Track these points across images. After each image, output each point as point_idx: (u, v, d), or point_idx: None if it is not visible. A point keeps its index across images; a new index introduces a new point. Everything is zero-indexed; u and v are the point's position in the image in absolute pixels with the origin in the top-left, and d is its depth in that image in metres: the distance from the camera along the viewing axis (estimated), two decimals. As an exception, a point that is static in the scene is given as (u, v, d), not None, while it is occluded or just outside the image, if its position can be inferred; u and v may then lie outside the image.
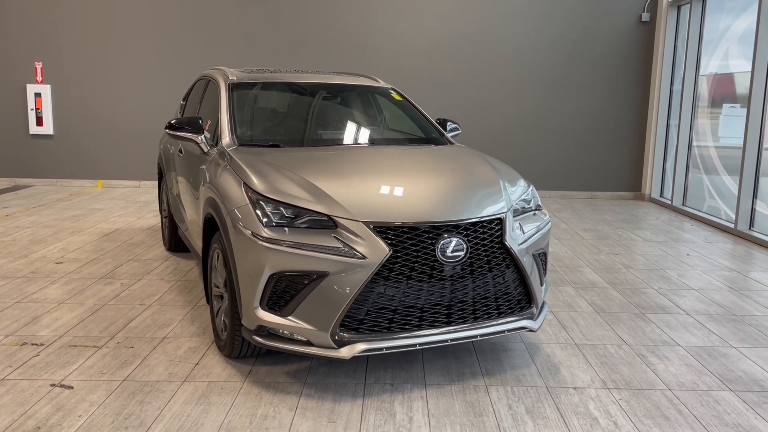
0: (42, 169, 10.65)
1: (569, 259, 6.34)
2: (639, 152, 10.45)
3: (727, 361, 3.91)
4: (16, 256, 6.02)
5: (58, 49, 10.32)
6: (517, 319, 3.55)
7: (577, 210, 9.33)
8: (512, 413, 3.22)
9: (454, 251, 3.28)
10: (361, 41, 10.26)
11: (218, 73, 5.04)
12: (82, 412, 3.15)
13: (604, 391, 3.48)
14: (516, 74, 10.30)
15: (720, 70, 8.92)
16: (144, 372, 3.61)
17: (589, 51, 10.21)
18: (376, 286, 3.19)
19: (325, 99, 5.06)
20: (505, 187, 3.76)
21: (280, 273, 3.21)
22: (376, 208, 3.32)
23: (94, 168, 10.64)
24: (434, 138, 4.84)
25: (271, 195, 3.36)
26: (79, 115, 10.50)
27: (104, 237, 6.89)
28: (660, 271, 5.97)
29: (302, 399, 3.32)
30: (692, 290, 5.36)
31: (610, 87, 10.29)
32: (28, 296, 4.88)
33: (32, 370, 3.61)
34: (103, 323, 4.35)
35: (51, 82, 10.41)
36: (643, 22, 10.09)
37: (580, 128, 10.40)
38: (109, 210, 8.50)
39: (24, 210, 8.36)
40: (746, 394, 3.47)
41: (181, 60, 10.21)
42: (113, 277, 5.44)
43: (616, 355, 3.97)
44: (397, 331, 3.27)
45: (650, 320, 4.61)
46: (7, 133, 10.56)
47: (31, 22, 10.24)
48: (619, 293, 5.24)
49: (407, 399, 3.34)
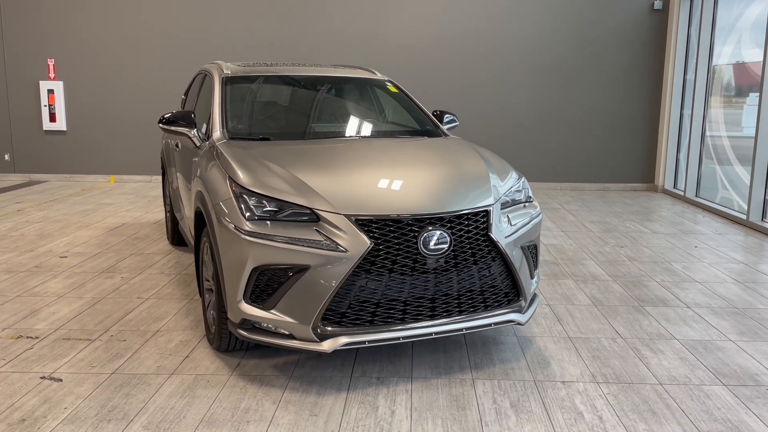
0: (55, 164, 10.79)
1: (573, 252, 6.26)
2: (652, 143, 10.29)
3: (723, 355, 3.83)
4: (23, 251, 6.11)
5: (70, 46, 10.43)
6: (505, 313, 3.51)
7: (587, 202, 9.22)
8: (496, 407, 3.19)
9: (438, 244, 3.25)
10: (372, 35, 10.21)
11: (214, 67, 5.05)
12: (67, 404, 3.18)
13: (592, 385, 3.43)
14: (524, 65, 10.19)
15: (733, 58, 8.72)
16: (133, 365, 3.64)
17: (599, 40, 10.06)
18: (358, 279, 3.18)
19: (319, 92, 5.04)
20: (494, 179, 3.71)
21: (263, 266, 3.21)
22: (359, 201, 3.30)
23: (107, 163, 10.75)
24: (428, 130, 4.80)
25: (254, 188, 3.36)
26: (92, 111, 10.61)
27: (110, 231, 6.97)
28: (665, 263, 5.87)
29: (287, 392, 3.32)
30: (696, 283, 5.26)
31: (621, 77, 10.13)
32: (29, 290, 4.95)
33: (24, 362, 3.66)
34: (99, 316, 4.39)
35: (63, 79, 10.53)
36: (655, 11, 9.91)
37: (591, 119, 10.27)
38: (119, 205, 8.58)
39: (35, 205, 8.48)
40: (739, 388, 3.40)
41: (191, 55, 10.24)
42: (114, 271, 5.49)
43: (609, 348, 3.91)
44: (380, 324, 3.25)
45: (649, 313, 4.53)
46: (22, 130, 10.72)
47: (44, 19, 10.36)
48: (620, 286, 5.16)
49: (392, 392, 3.33)
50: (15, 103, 10.62)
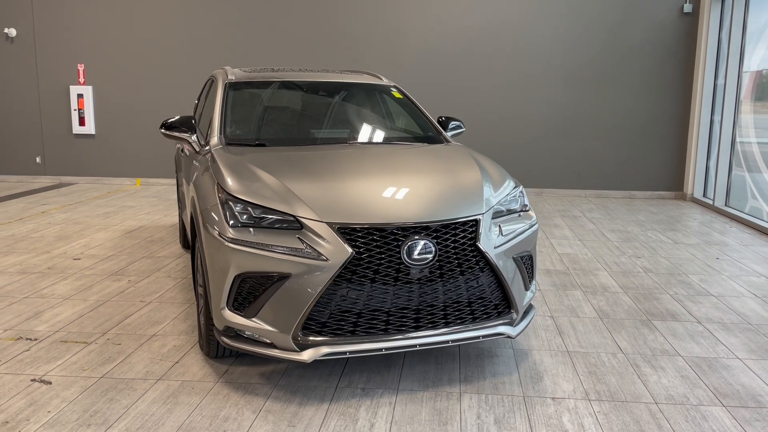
0: (84, 167, 11.03)
1: (586, 262, 6.10)
2: (681, 149, 10.00)
3: (727, 373, 3.67)
4: (39, 252, 6.23)
5: (99, 52, 10.66)
6: (494, 325, 3.42)
7: (610, 210, 9.00)
8: (479, 423, 3.10)
9: (422, 254, 3.18)
10: (389, 37, 10.17)
11: (220, 73, 5.08)
12: (52, 408, 3.20)
13: (583, 402, 3.31)
14: (549, 68, 10.02)
15: (764, 63, 8.41)
16: (123, 369, 3.65)
17: (627, 44, 9.83)
18: (339, 288, 3.13)
19: (321, 97, 5.02)
20: (487, 188, 3.62)
21: (245, 274, 3.19)
22: (342, 209, 3.25)
23: (133, 166, 10.95)
24: (430, 137, 4.73)
25: (239, 195, 3.34)
26: (119, 115, 10.82)
27: (127, 234, 7.07)
28: (682, 275, 5.67)
29: (269, 401, 3.29)
30: (711, 296, 5.07)
31: (649, 82, 9.88)
32: (38, 291, 5.04)
33: (19, 364, 3.71)
34: (99, 319, 4.44)
35: (93, 84, 10.76)
36: (685, 14, 9.64)
37: (618, 125, 10.03)
38: (140, 207, 8.71)
39: (60, 207, 8.66)
40: (738, 410, 3.24)
41: (217, 61, 10.34)
42: (123, 273, 5.55)
43: (607, 364, 3.78)
44: (362, 335, 3.20)
45: (656, 328, 4.37)
46: (53, 133, 10.99)
47: (74, 26, 10.61)
48: (630, 298, 5.00)
49: (374, 404, 3.27)
50: (46, 108, 10.90)
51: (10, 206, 8.68)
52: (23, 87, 10.84)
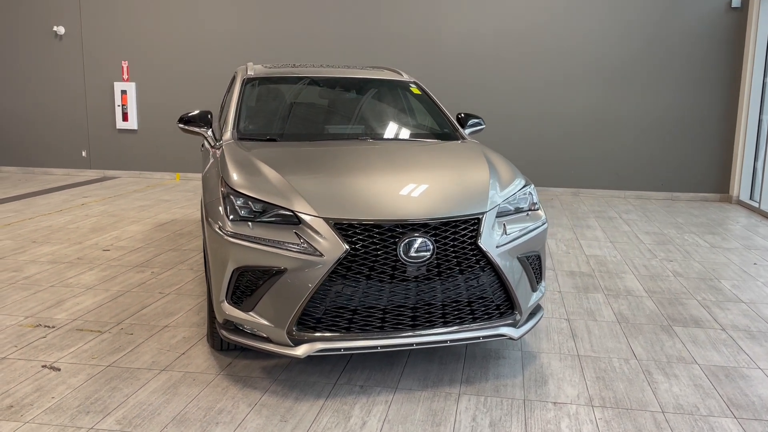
0: (127, 161, 11.33)
1: (614, 264, 5.92)
2: (727, 150, 9.61)
3: (745, 384, 3.49)
4: (72, 243, 6.42)
5: (142, 50, 10.92)
6: (496, 326, 3.34)
7: (648, 211, 8.72)
8: (473, 425, 3.03)
9: (419, 251, 3.13)
10: (429, 35, 10.10)
11: (241, 69, 5.12)
12: (56, 394, 3.29)
13: (586, 408, 3.20)
14: (589, 64, 9.77)
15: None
16: (131, 359, 3.72)
17: (671, 39, 9.50)
18: (334, 284, 3.11)
19: (338, 93, 5.01)
20: (493, 186, 3.54)
21: (243, 267, 3.20)
22: (341, 205, 3.23)
23: (173, 161, 11.18)
24: (446, 133, 4.66)
25: (241, 189, 3.35)
26: (161, 110, 11.06)
27: (158, 227, 7.22)
28: (713, 280, 5.44)
29: (266, 395, 3.30)
30: (740, 303, 4.84)
31: (695, 79, 9.52)
32: (64, 281, 5.19)
33: (33, 350, 3.82)
34: (117, 309, 4.54)
35: (136, 80, 11.03)
36: (733, 9, 9.25)
37: (660, 123, 9.70)
38: (175, 201, 8.89)
39: (100, 199, 8.92)
40: (750, 422, 3.08)
41: (253, 58, 10.47)
42: (147, 265, 5.67)
43: (618, 370, 3.65)
44: (357, 332, 3.17)
45: (675, 334, 4.20)
46: (98, 128, 11.32)
47: (119, 24, 10.90)
48: (653, 303, 4.83)
49: (370, 402, 3.24)
50: (92, 103, 11.23)
51: (53, 198, 8.98)
52: (71, 83, 11.20)
